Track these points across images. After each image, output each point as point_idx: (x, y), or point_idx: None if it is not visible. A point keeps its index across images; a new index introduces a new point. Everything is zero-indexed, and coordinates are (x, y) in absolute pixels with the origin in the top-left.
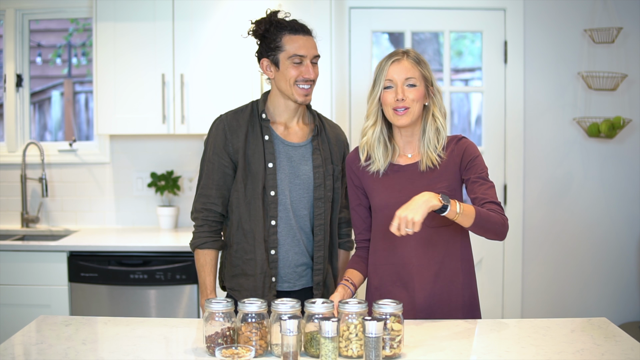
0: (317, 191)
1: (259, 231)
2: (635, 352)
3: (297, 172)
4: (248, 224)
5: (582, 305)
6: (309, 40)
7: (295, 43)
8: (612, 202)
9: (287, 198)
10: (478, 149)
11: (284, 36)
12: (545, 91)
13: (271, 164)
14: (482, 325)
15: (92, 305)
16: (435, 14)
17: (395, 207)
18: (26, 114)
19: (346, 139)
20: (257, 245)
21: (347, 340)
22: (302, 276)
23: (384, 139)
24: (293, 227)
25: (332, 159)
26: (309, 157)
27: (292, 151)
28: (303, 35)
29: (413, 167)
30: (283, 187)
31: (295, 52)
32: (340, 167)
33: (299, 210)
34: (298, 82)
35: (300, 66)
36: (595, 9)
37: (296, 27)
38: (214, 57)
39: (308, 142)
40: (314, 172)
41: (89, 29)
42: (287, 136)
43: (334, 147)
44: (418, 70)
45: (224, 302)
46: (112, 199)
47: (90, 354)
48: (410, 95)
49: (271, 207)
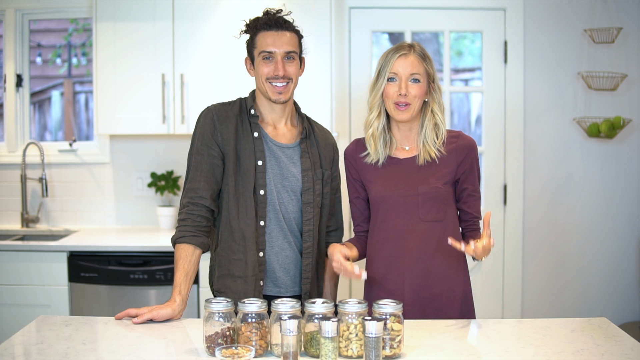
0: (306, 195)
1: (250, 231)
2: (635, 352)
3: (285, 174)
4: (237, 222)
5: (582, 305)
6: (282, 35)
7: (266, 39)
8: (612, 202)
9: (275, 199)
10: (477, 150)
11: (258, 33)
12: (545, 91)
13: (260, 161)
14: (482, 325)
15: (92, 305)
16: (435, 14)
17: (392, 199)
18: (26, 114)
19: (335, 143)
20: (248, 245)
21: (347, 340)
22: (295, 282)
23: (384, 131)
24: (284, 229)
25: (322, 163)
26: (298, 160)
27: (280, 152)
28: (275, 30)
29: (411, 160)
30: (272, 187)
31: (264, 48)
32: (329, 171)
33: (288, 213)
34: (270, 79)
35: (270, 62)
36: (595, 9)
37: (270, 23)
38: (214, 57)
39: (296, 145)
40: (303, 175)
41: (89, 29)
42: (276, 136)
43: (323, 151)
44: (423, 66)
45: (224, 302)
46: (112, 199)
47: (90, 354)
48: (412, 91)
49: (260, 206)
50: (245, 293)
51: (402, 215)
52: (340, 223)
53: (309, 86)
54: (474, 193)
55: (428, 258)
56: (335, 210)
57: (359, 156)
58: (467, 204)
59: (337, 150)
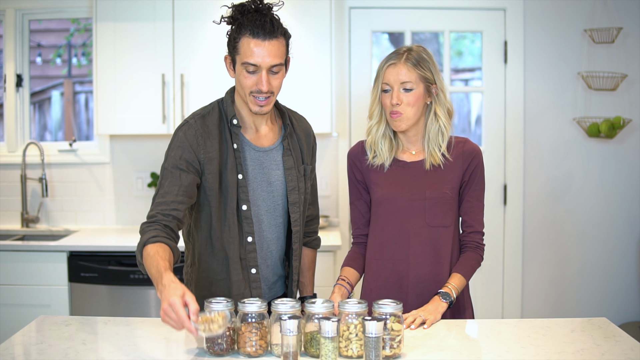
0: (292, 195)
1: (234, 250)
2: (635, 352)
3: (269, 179)
4: (219, 241)
5: (582, 305)
6: (269, 45)
7: (250, 49)
8: (612, 202)
9: (259, 209)
10: (483, 159)
11: (243, 36)
12: (545, 91)
13: (241, 175)
14: (482, 325)
15: (92, 305)
16: (435, 14)
17: (398, 202)
18: (26, 114)
19: (313, 131)
20: (232, 265)
21: (347, 340)
22: (272, 289)
23: (389, 135)
24: (267, 240)
25: (304, 158)
26: (280, 160)
27: (262, 157)
28: (262, 39)
29: (418, 164)
30: (255, 198)
31: (247, 59)
32: (311, 165)
33: (274, 219)
34: (253, 92)
35: (253, 76)
36: (595, 9)
37: (257, 30)
38: (214, 57)
39: (278, 144)
40: (286, 174)
41: (90, 29)
42: (257, 140)
43: (304, 145)
44: (415, 73)
45: (224, 302)
46: (112, 199)
47: (90, 354)
48: (404, 100)
49: (246, 222)
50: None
51: (408, 219)
52: (317, 212)
53: (309, 86)
54: (474, 203)
55: (432, 263)
56: (312, 200)
57: (363, 158)
58: (465, 212)
59: (315, 138)
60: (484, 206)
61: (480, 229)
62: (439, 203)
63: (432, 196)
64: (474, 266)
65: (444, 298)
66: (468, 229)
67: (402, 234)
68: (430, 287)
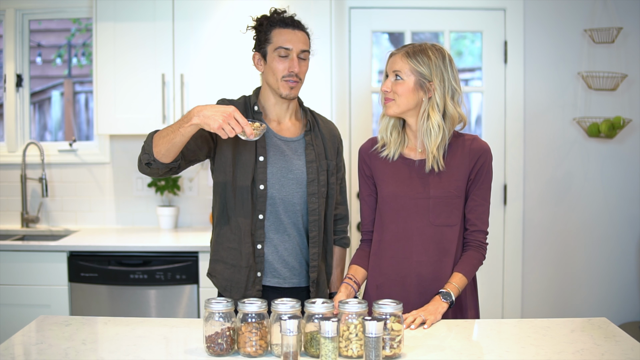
0: (311, 186)
1: (246, 224)
2: (635, 352)
3: (290, 167)
4: (233, 212)
5: (582, 305)
6: (298, 34)
7: (283, 36)
8: (612, 202)
9: (277, 192)
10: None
11: (274, 29)
12: (545, 91)
13: (262, 157)
14: (482, 325)
15: (92, 305)
16: (435, 14)
17: (402, 200)
18: (26, 114)
19: (339, 134)
20: (244, 237)
21: (347, 340)
22: (294, 274)
23: (398, 128)
24: (283, 222)
25: (327, 154)
26: (302, 152)
27: (284, 145)
28: (292, 29)
29: (423, 162)
30: (273, 182)
31: (281, 44)
32: (334, 162)
33: (292, 205)
34: (285, 77)
35: (286, 60)
36: (595, 9)
37: (287, 21)
38: (214, 57)
39: (301, 137)
40: (307, 167)
41: (90, 29)
42: (280, 131)
43: (328, 143)
44: (408, 64)
45: (224, 302)
46: (112, 199)
47: (90, 354)
48: (393, 88)
49: (259, 200)
50: (237, 281)
51: (412, 217)
52: (346, 212)
53: (309, 86)
54: (479, 201)
55: (435, 262)
56: (342, 200)
57: (373, 153)
58: (469, 210)
59: (341, 141)
60: (490, 205)
61: (484, 228)
62: (443, 202)
63: (437, 195)
64: (475, 265)
65: (445, 298)
66: (472, 228)
67: (405, 232)
68: (433, 286)
